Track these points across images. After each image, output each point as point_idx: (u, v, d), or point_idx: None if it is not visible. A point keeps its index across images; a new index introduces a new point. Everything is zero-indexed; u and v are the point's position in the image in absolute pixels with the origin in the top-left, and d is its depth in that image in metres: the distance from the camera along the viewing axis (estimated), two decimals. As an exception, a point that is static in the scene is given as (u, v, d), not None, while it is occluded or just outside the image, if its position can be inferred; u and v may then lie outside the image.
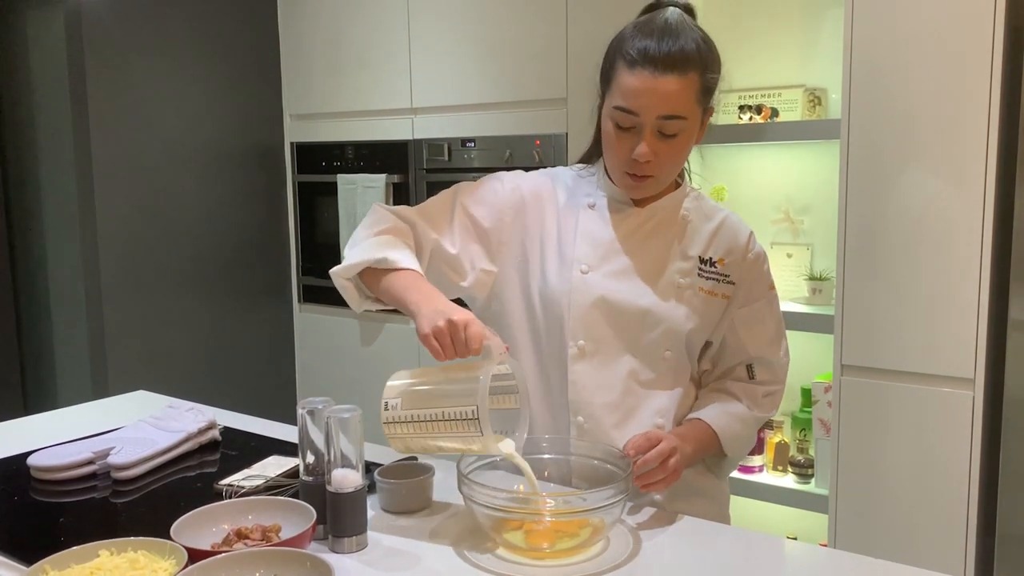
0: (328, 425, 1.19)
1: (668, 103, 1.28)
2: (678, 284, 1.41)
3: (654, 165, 1.33)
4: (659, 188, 1.41)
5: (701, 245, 1.43)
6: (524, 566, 1.16)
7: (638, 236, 1.43)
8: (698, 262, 1.42)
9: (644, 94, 1.28)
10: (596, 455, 1.35)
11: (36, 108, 3.25)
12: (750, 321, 1.45)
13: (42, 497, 1.43)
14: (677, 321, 1.40)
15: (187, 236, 3.28)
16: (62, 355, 3.32)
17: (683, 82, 1.28)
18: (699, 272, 1.42)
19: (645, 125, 1.30)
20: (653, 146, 1.31)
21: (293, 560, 1.07)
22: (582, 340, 1.39)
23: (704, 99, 1.33)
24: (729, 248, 1.44)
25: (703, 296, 1.42)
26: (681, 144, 1.33)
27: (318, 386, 3.57)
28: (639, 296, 1.39)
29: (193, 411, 1.72)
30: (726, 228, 1.46)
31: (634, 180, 1.36)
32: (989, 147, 1.98)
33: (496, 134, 2.92)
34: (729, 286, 1.44)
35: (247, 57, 3.43)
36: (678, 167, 1.40)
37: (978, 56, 1.97)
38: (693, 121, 1.32)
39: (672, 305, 1.40)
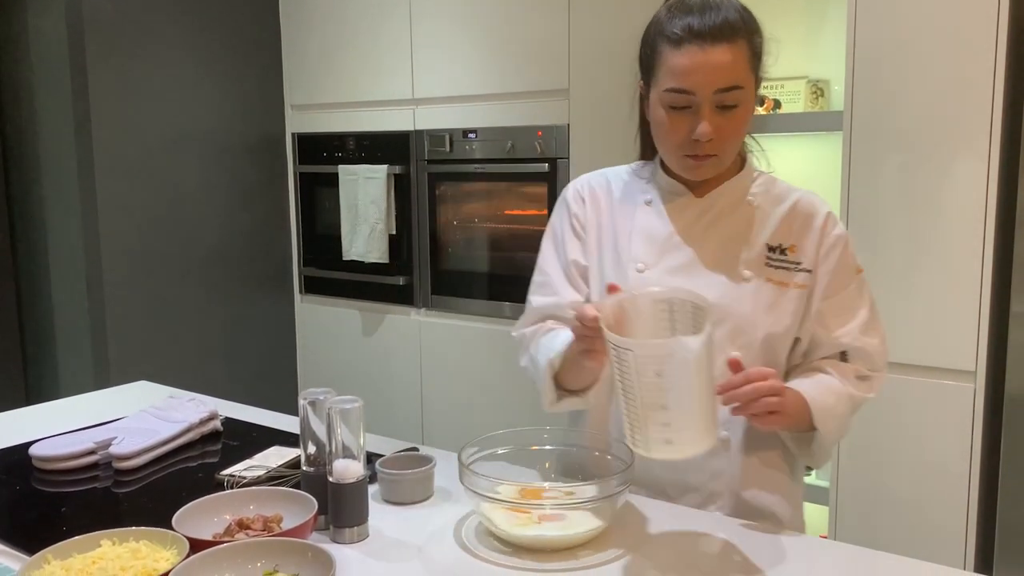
0: (329, 416, 1.20)
1: (723, 74, 1.22)
2: (744, 276, 1.31)
3: (716, 143, 1.26)
4: (721, 167, 1.32)
5: (769, 232, 1.33)
6: (526, 557, 1.16)
7: (698, 228, 1.35)
8: (766, 251, 1.33)
9: (697, 70, 1.22)
10: (598, 447, 1.35)
11: (38, 99, 3.24)
12: (839, 311, 1.34)
13: (44, 487, 1.43)
14: (744, 317, 1.30)
15: (188, 227, 3.28)
16: (64, 345, 3.32)
17: (734, 50, 1.22)
18: (767, 262, 1.32)
19: (702, 102, 1.23)
20: (713, 122, 1.24)
21: (294, 550, 1.07)
22: None
23: (756, 65, 1.27)
24: (802, 233, 1.34)
25: (772, 288, 1.32)
26: (741, 116, 1.26)
27: (319, 376, 3.57)
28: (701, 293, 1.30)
29: (194, 401, 1.72)
30: (798, 211, 1.35)
31: (696, 161, 1.28)
32: (992, 140, 1.98)
33: (498, 125, 2.91)
34: (804, 274, 1.33)
35: (248, 48, 3.42)
36: (739, 142, 1.32)
37: (982, 49, 1.96)
38: (749, 90, 1.26)
39: (737, 300, 1.30)
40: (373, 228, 3.22)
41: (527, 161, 2.84)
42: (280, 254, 3.59)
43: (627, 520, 1.27)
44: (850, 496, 2.24)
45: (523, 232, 2.93)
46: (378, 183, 3.17)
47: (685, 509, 1.33)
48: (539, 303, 1.43)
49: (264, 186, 3.52)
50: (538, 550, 1.17)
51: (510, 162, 2.89)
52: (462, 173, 3.04)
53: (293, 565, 1.06)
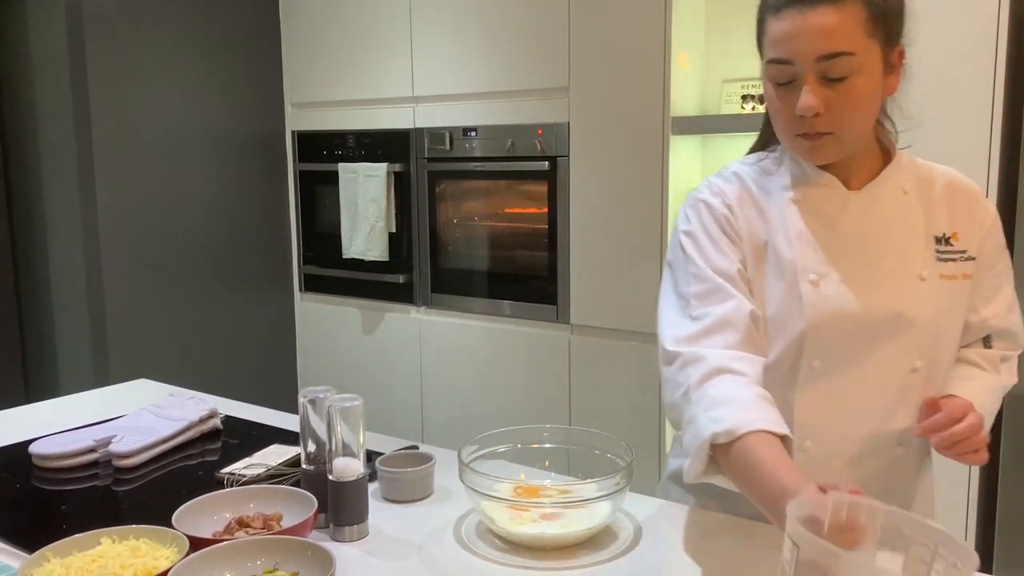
0: (330, 414, 1.20)
1: (824, 39, 1.07)
2: (921, 277, 1.19)
3: (827, 119, 1.11)
4: (842, 150, 1.16)
5: (931, 222, 1.21)
6: (525, 555, 1.16)
7: (864, 226, 1.19)
8: (933, 243, 1.20)
9: (795, 37, 1.09)
10: (597, 446, 1.35)
11: (37, 96, 3.24)
12: (986, 291, 1.25)
13: (44, 485, 1.43)
14: (928, 323, 1.18)
15: (188, 225, 3.28)
16: (63, 343, 3.32)
17: (840, 12, 1.07)
18: (937, 255, 1.20)
19: (805, 72, 1.09)
20: (819, 94, 1.09)
21: (294, 549, 1.07)
22: (818, 361, 1.18)
23: (878, 30, 1.09)
24: (961, 218, 1.22)
25: (946, 284, 1.20)
26: (857, 89, 1.09)
27: (319, 374, 3.57)
28: (881, 301, 1.17)
29: (194, 399, 1.72)
30: (954, 194, 1.23)
31: (808, 141, 1.14)
32: (992, 140, 1.98)
33: (498, 123, 2.91)
34: (968, 263, 1.22)
35: (248, 45, 3.42)
36: (862, 121, 1.14)
37: (982, 48, 1.96)
38: (867, 58, 1.09)
39: (919, 304, 1.18)
40: (373, 226, 3.22)
41: (527, 159, 2.84)
42: (280, 252, 3.59)
43: (627, 519, 1.27)
44: (850, 494, 2.24)
45: (523, 230, 2.93)
46: (378, 181, 3.17)
47: (685, 508, 1.32)
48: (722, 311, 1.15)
49: (264, 184, 3.52)
50: (537, 548, 1.17)
51: (510, 160, 2.89)
52: (462, 171, 3.04)
53: (293, 563, 1.06)
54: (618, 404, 2.70)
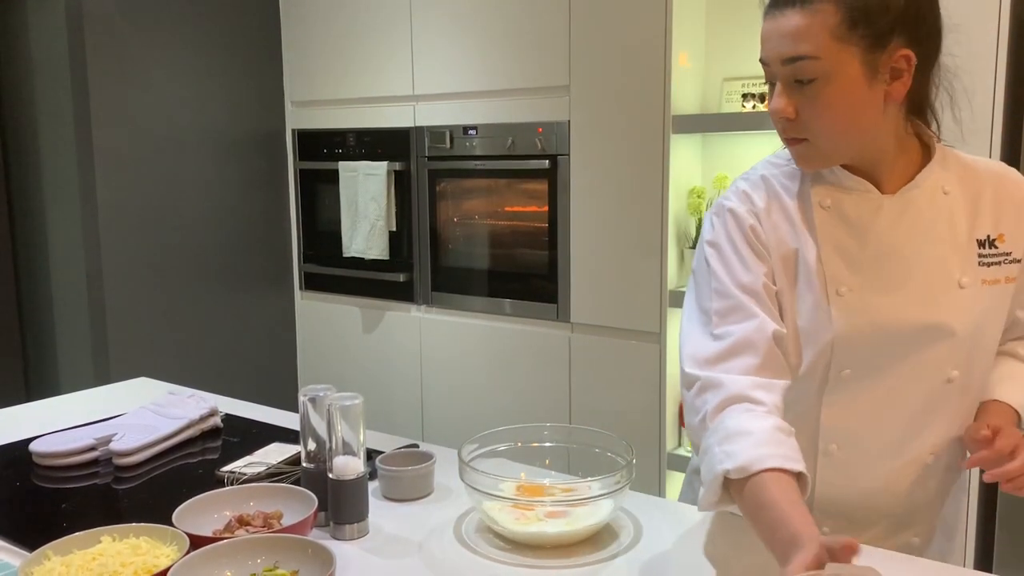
0: (330, 412, 1.20)
1: (788, 42, 1.07)
2: (960, 284, 1.14)
3: (798, 125, 1.10)
4: (827, 158, 1.13)
5: (975, 224, 1.15)
6: (526, 554, 1.16)
7: (900, 232, 1.14)
8: (976, 247, 1.15)
9: (768, 39, 1.10)
10: (598, 444, 1.35)
11: (37, 95, 3.24)
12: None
13: (44, 483, 1.43)
14: (965, 332, 1.14)
15: (188, 223, 3.28)
16: (64, 342, 3.32)
17: (807, 16, 1.05)
18: (980, 260, 1.15)
19: (777, 75, 1.10)
20: (790, 98, 1.09)
21: (294, 547, 1.07)
22: (847, 370, 1.16)
23: (852, 34, 1.05)
24: (1008, 217, 1.16)
25: (988, 289, 1.15)
26: (827, 95, 1.07)
27: (319, 373, 3.58)
28: (916, 311, 1.14)
29: (194, 398, 1.72)
30: (1002, 191, 1.17)
31: (792, 147, 1.14)
32: (993, 134, 1.97)
33: (498, 121, 2.91)
34: (1013, 265, 1.16)
35: (249, 44, 3.42)
36: (842, 127, 1.10)
37: (984, 39, 1.96)
38: (836, 63, 1.06)
39: (960, 313, 1.14)
40: (373, 225, 3.21)
41: (527, 158, 2.84)
42: (280, 251, 3.59)
43: (627, 517, 1.27)
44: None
45: (524, 229, 2.93)
46: (378, 180, 3.17)
47: (684, 506, 1.32)
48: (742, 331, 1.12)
49: (264, 182, 3.52)
50: (538, 547, 1.17)
51: (510, 159, 2.89)
52: (462, 170, 3.03)
53: (293, 561, 1.06)
54: (618, 402, 2.70)
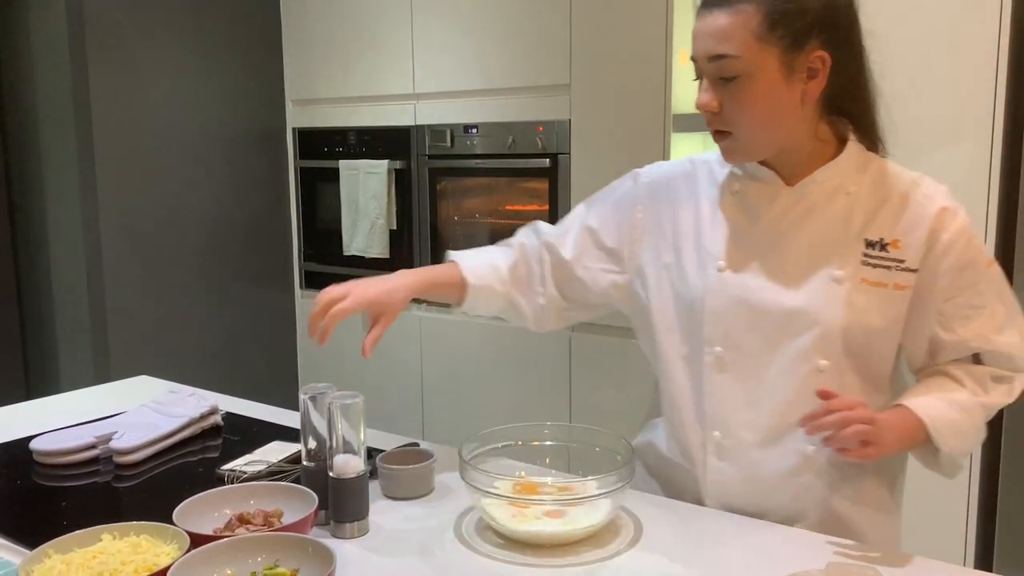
0: (330, 411, 1.20)
1: (713, 41, 1.13)
2: (835, 278, 1.19)
3: (723, 118, 1.17)
4: (750, 151, 1.20)
5: (869, 226, 1.20)
6: (526, 553, 1.16)
7: (787, 222, 1.22)
8: (863, 246, 1.19)
9: (697, 37, 1.16)
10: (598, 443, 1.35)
11: (38, 93, 3.24)
12: (964, 311, 1.20)
13: (44, 481, 1.43)
14: (832, 324, 1.18)
15: (189, 221, 3.28)
16: (64, 340, 3.32)
17: (732, 17, 1.12)
18: (864, 259, 1.19)
19: (703, 71, 1.17)
20: (715, 93, 1.16)
21: (295, 545, 1.07)
22: (719, 347, 1.23)
23: (772, 34, 1.11)
24: (909, 227, 1.19)
25: (867, 288, 1.18)
26: (749, 92, 1.14)
27: (320, 371, 3.57)
28: (786, 296, 1.20)
29: (195, 396, 1.72)
30: (908, 202, 1.20)
31: (717, 140, 1.21)
32: (994, 135, 1.97)
33: (499, 120, 2.91)
34: (907, 274, 1.18)
35: (249, 42, 3.42)
36: (762, 121, 1.17)
37: (983, 46, 1.96)
38: (757, 62, 1.12)
39: (826, 305, 1.18)
40: (374, 223, 3.21)
41: (528, 156, 2.84)
42: (281, 249, 3.59)
43: (627, 516, 1.27)
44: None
45: (524, 227, 2.93)
46: (379, 178, 3.17)
47: (685, 505, 1.32)
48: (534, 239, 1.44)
49: (265, 181, 3.52)
50: (538, 546, 1.17)
51: (511, 157, 2.89)
52: (463, 168, 3.03)
53: (294, 560, 1.06)
54: (618, 402, 2.70)
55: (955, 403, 1.18)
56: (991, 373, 1.22)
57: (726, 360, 1.23)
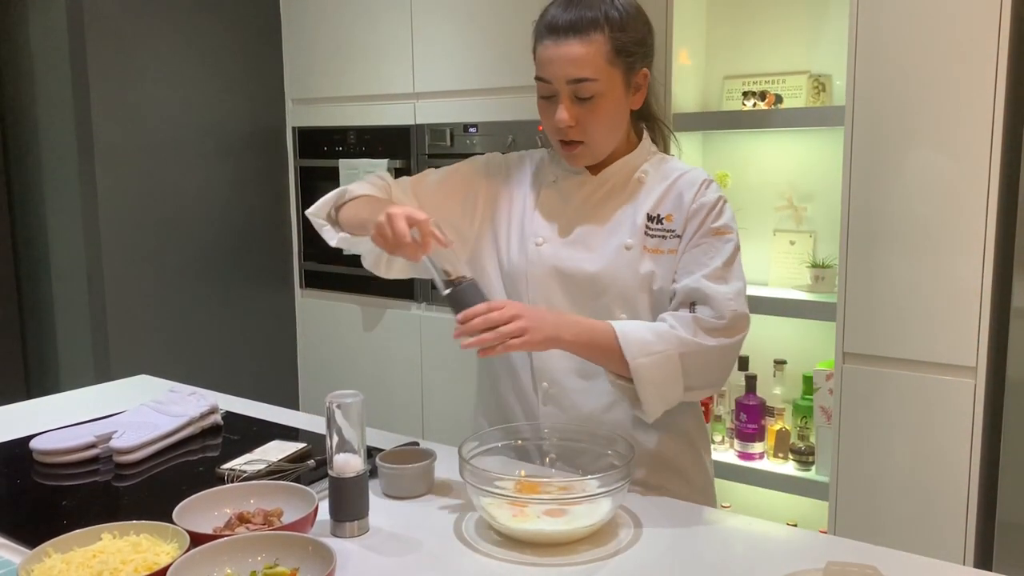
0: (330, 410, 1.20)
1: (573, 66, 1.32)
2: (625, 245, 1.40)
3: (579, 130, 1.37)
4: (596, 155, 1.42)
5: (650, 204, 1.42)
6: (526, 551, 1.16)
7: (591, 204, 1.46)
8: (646, 220, 1.41)
9: (551, 62, 1.34)
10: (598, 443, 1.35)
11: (38, 92, 3.24)
12: (688, 264, 1.38)
13: (44, 480, 1.43)
14: (625, 284, 1.40)
15: (188, 220, 3.28)
16: (64, 339, 3.32)
17: (587, 45, 1.32)
18: (647, 231, 1.41)
19: (559, 92, 1.35)
20: (571, 111, 1.35)
21: (295, 544, 1.07)
22: (541, 307, 1.42)
23: (619, 59, 1.34)
24: (677, 202, 1.41)
25: (649, 255, 1.40)
26: (602, 107, 1.35)
27: (320, 371, 3.58)
28: (588, 263, 1.42)
29: (195, 395, 1.72)
30: (678, 184, 1.43)
31: (565, 148, 1.40)
32: (994, 136, 1.97)
33: (498, 119, 2.90)
34: (675, 240, 1.40)
35: (249, 41, 3.42)
36: (608, 131, 1.40)
37: (984, 43, 1.96)
38: (609, 83, 1.34)
39: (619, 268, 1.40)
40: (374, 222, 3.21)
41: (528, 156, 2.84)
42: (280, 248, 3.59)
43: (627, 515, 1.27)
44: (850, 491, 2.24)
45: (524, 227, 2.93)
46: (379, 177, 3.17)
47: (685, 504, 1.33)
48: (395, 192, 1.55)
49: (265, 180, 3.52)
50: (538, 544, 1.17)
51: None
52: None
53: (294, 559, 1.06)
54: (618, 401, 2.69)
55: (651, 328, 1.33)
56: (694, 318, 1.33)
57: None
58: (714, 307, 1.33)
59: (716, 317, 1.32)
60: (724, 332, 1.32)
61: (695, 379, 1.33)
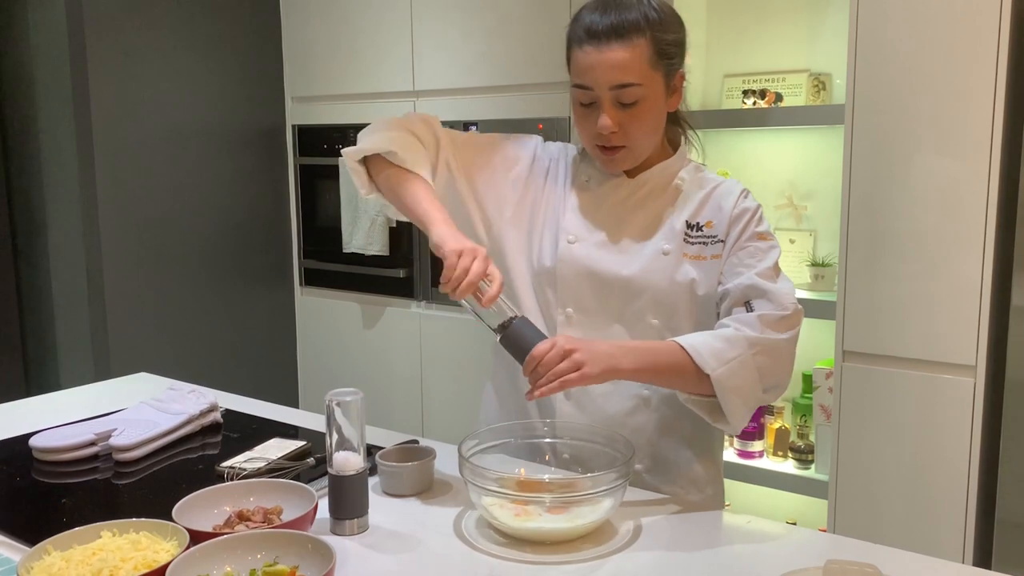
0: (329, 408, 1.19)
1: (617, 72, 1.30)
2: (663, 251, 1.39)
3: (621, 135, 1.34)
4: (636, 159, 1.40)
5: (690, 211, 1.41)
6: (525, 549, 1.16)
7: (627, 206, 1.44)
8: (685, 227, 1.40)
9: (593, 68, 1.31)
10: (598, 440, 1.35)
11: (38, 90, 3.24)
12: (736, 266, 1.37)
13: (44, 478, 1.43)
14: (660, 289, 1.38)
15: (188, 218, 3.28)
16: (64, 337, 3.32)
17: (630, 49, 1.29)
18: (686, 238, 1.40)
19: (602, 98, 1.33)
20: (614, 117, 1.33)
21: (294, 542, 1.07)
22: (570, 308, 1.42)
23: (660, 63, 1.32)
24: (716, 211, 1.41)
25: (689, 261, 1.39)
26: (645, 111, 1.33)
27: (319, 369, 3.58)
28: (622, 265, 1.40)
29: (195, 393, 1.72)
30: (717, 193, 1.43)
31: (606, 154, 1.38)
32: (994, 134, 1.97)
33: (498, 117, 2.90)
34: (718, 245, 1.40)
35: (249, 39, 3.41)
36: (650, 135, 1.38)
37: (984, 41, 1.96)
38: (652, 86, 1.32)
39: (654, 273, 1.38)
40: (373, 221, 3.21)
41: (528, 154, 2.84)
42: (280, 246, 3.59)
43: (627, 513, 1.27)
44: (849, 490, 2.24)
45: (523, 225, 2.93)
46: (378, 175, 3.16)
47: (686, 502, 1.33)
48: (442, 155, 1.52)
49: (264, 178, 3.52)
50: (538, 542, 1.17)
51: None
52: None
53: (293, 557, 1.06)
54: (618, 399, 2.70)
55: (719, 335, 1.29)
56: (757, 315, 1.31)
57: (575, 319, 1.42)
58: (774, 300, 1.32)
59: (779, 309, 1.32)
60: (789, 323, 1.32)
61: (770, 378, 1.31)
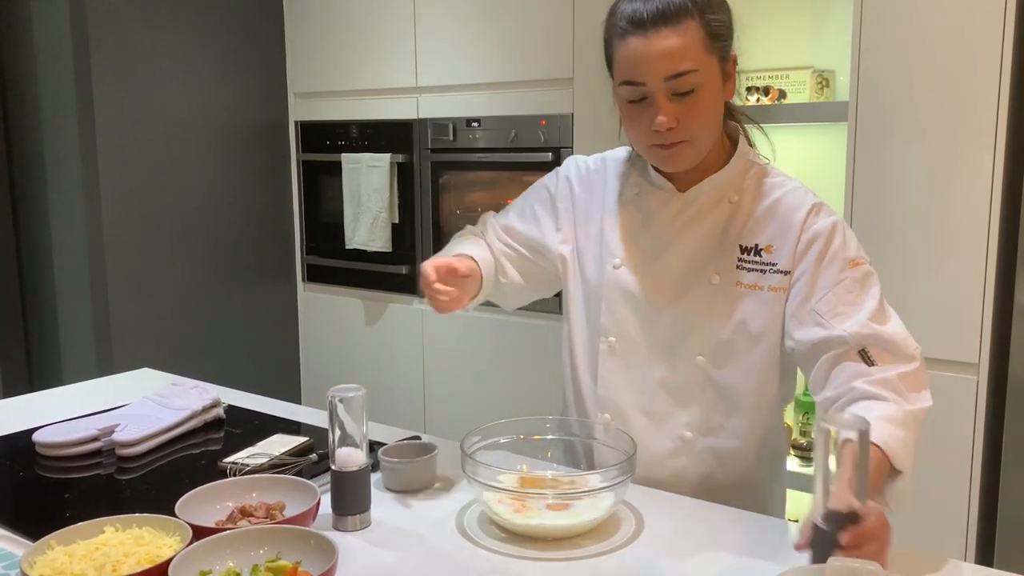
0: (332, 404, 1.20)
1: (670, 60, 1.16)
2: (712, 281, 1.27)
3: (680, 130, 1.21)
4: (697, 154, 1.25)
5: (745, 231, 1.27)
6: (527, 546, 1.16)
7: (676, 226, 1.30)
8: (739, 251, 1.26)
9: (644, 60, 1.18)
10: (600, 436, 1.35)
11: (41, 86, 3.24)
12: (839, 309, 1.20)
13: (47, 473, 1.44)
14: (708, 323, 1.26)
15: (191, 214, 3.28)
16: (67, 332, 3.33)
17: (681, 34, 1.16)
18: (739, 264, 1.26)
19: (656, 92, 1.19)
20: (671, 111, 1.19)
21: (297, 538, 1.07)
22: (612, 337, 1.34)
23: (714, 45, 1.19)
24: (781, 231, 1.25)
25: (742, 292, 1.25)
26: (703, 100, 1.20)
27: (322, 365, 3.58)
28: (669, 296, 1.29)
29: (197, 389, 1.72)
30: (780, 208, 1.26)
31: (665, 151, 1.23)
32: (998, 132, 1.97)
33: (501, 114, 2.90)
34: (781, 276, 1.24)
35: (252, 36, 3.41)
36: (710, 125, 1.24)
37: (987, 38, 1.95)
38: (708, 72, 1.19)
39: (705, 307, 1.27)
40: (376, 217, 3.21)
41: (530, 150, 2.84)
42: (283, 243, 3.59)
43: (629, 510, 1.27)
44: (851, 487, 2.24)
45: (526, 221, 2.93)
46: (381, 172, 3.17)
47: (687, 499, 1.33)
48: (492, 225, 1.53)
49: (267, 174, 3.52)
50: (540, 539, 1.17)
51: (513, 151, 2.88)
52: (465, 162, 3.03)
53: (295, 552, 1.06)
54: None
55: (893, 420, 1.11)
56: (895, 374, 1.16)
57: (617, 348, 1.35)
58: (894, 350, 1.17)
59: (907, 362, 1.17)
60: (926, 378, 1.18)
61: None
